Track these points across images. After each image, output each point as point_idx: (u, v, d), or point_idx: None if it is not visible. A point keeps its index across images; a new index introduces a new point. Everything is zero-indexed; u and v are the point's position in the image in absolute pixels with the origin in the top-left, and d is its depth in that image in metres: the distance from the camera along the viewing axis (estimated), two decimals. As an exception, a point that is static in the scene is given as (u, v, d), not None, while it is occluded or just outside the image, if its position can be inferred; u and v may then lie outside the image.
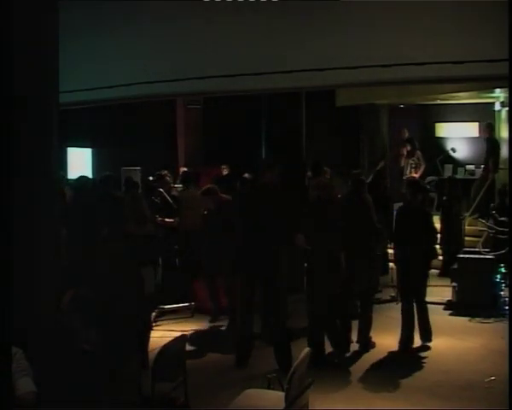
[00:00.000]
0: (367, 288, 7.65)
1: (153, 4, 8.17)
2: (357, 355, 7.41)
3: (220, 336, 8.29)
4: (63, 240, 6.99)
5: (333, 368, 6.96)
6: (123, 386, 4.59)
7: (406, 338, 7.50)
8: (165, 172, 10.23)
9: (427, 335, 7.61)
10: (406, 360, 7.20)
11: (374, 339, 7.67)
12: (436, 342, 7.65)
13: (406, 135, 13.56)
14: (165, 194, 9.51)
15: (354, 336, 7.61)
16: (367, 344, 7.56)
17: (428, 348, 7.55)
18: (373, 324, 7.72)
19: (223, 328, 8.54)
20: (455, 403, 5.98)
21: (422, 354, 7.37)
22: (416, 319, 7.56)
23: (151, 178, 10.29)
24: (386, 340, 7.69)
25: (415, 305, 7.56)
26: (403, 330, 7.53)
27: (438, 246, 10.20)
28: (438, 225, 11.03)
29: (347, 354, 7.41)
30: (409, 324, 7.52)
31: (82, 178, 9.23)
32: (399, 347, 7.48)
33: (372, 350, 7.52)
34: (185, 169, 12.44)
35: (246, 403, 4.71)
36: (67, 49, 5.90)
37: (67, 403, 4.02)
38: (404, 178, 12.50)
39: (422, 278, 7.63)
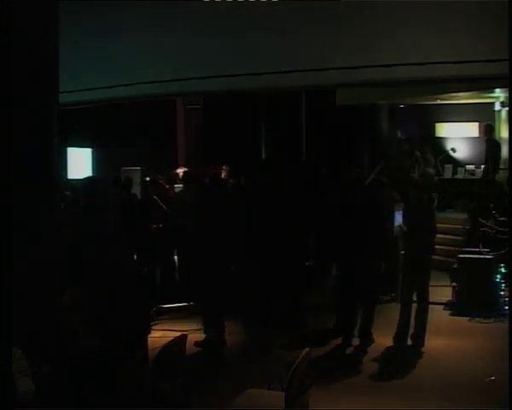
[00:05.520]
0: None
1: (153, 4, 8.18)
2: (357, 354, 7.41)
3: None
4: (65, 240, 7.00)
5: (332, 368, 6.98)
6: (123, 386, 4.59)
7: (403, 333, 7.48)
8: (159, 176, 10.09)
9: (420, 339, 7.51)
10: (406, 360, 7.19)
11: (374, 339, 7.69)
12: (436, 342, 7.64)
13: (399, 135, 13.59)
14: (159, 201, 9.31)
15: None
16: (369, 338, 7.58)
17: (426, 347, 7.54)
18: (373, 324, 7.73)
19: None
20: (455, 403, 5.97)
21: (422, 354, 7.36)
22: (412, 318, 7.53)
23: (147, 178, 10.21)
24: (387, 340, 7.68)
25: (415, 304, 7.54)
26: (399, 325, 7.48)
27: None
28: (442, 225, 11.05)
29: (347, 355, 7.45)
30: (407, 321, 7.48)
31: (92, 179, 9.10)
32: (394, 342, 7.46)
33: (372, 350, 7.51)
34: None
35: (246, 403, 4.71)
36: (68, 48, 5.91)
37: (68, 403, 4.02)
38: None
39: (427, 274, 7.60)
